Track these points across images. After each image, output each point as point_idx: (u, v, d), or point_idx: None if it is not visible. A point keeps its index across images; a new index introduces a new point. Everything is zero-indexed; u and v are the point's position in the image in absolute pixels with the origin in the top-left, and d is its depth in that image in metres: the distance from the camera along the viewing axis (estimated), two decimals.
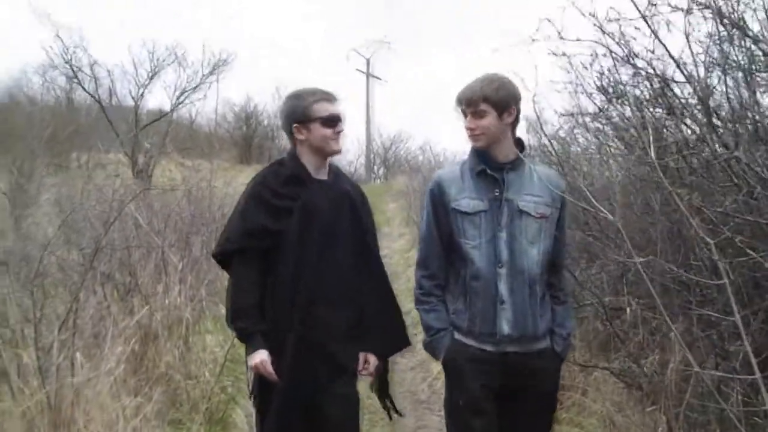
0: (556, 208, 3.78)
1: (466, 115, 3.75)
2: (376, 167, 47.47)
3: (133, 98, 25.71)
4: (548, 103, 9.89)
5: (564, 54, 5.83)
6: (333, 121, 3.96)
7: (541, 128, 7.25)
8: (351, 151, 45.91)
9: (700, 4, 4.77)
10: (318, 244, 3.90)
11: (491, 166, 3.72)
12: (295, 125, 3.97)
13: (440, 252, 3.80)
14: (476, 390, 3.66)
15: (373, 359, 4.07)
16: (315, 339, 3.85)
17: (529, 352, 3.68)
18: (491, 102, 3.66)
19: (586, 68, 6.11)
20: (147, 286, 6.60)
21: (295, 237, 3.87)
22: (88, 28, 62.17)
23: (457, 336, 3.71)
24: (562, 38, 5.24)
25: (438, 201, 3.79)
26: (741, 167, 4.51)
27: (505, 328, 3.63)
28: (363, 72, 48.43)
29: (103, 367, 4.78)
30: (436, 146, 56.78)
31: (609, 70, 5.89)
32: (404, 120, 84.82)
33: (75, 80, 25.22)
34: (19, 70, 31.19)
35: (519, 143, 3.83)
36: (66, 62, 24.61)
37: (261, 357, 3.79)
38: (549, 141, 7.50)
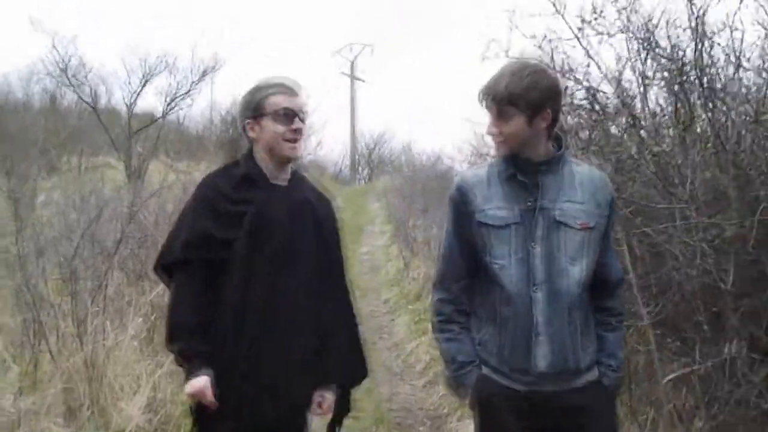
0: (604, 216, 3.12)
1: (488, 115, 3.11)
2: (360, 168, 48.30)
3: (126, 104, 26.69)
4: None
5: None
6: (288, 117, 3.38)
7: None
8: (336, 152, 46.74)
9: (619, 28, 5.80)
10: (272, 262, 3.34)
11: (522, 168, 3.07)
12: (247, 121, 3.44)
13: (463, 271, 3.18)
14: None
15: (329, 397, 3.48)
16: (263, 377, 3.30)
17: (570, 388, 3.07)
18: (519, 104, 2.99)
19: None
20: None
21: (244, 251, 3.31)
22: (82, 35, 63.00)
23: (485, 371, 3.10)
24: (507, 56, 6.21)
25: (461, 210, 3.15)
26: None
27: (541, 363, 3.01)
28: (347, 74, 49.29)
29: (128, 333, 5.85)
30: (417, 146, 57.40)
31: None
32: (389, 120, 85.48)
33: (70, 87, 26.14)
34: (2, 75, 31.92)
35: (556, 139, 3.16)
36: (62, 70, 25.52)
37: (200, 383, 3.20)
38: None
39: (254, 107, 3.41)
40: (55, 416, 4.89)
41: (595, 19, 5.66)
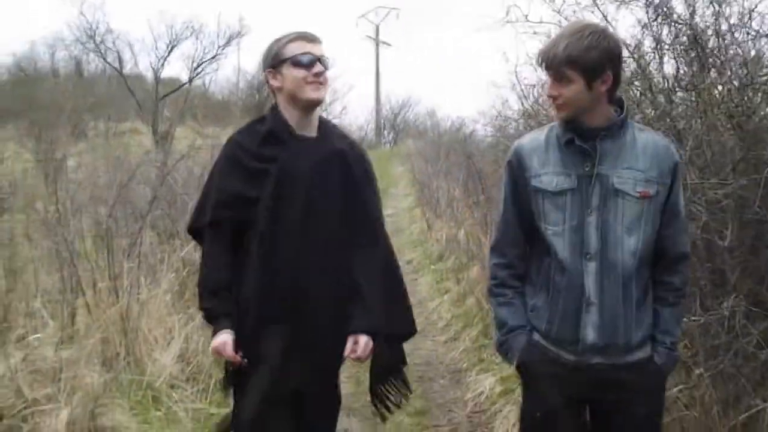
0: (665, 184, 2.99)
1: (548, 77, 3.01)
2: (386, 132, 48.47)
3: (153, 69, 27.08)
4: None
5: (535, 33, 6.99)
6: (308, 61, 3.28)
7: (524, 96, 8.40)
8: (361, 117, 47.00)
9: None
10: (298, 216, 3.28)
11: (581, 133, 2.97)
12: (268, 70, 3.36)
13: (519, 237, 3.13)
14: (558, 403, 3.03)
15: (363, 340, 3.36)
16: (298, 336, 3.29)
17: (619, 363, 2.99)
18: (578, 67, 2.87)
19: None
20: (185, 232, 7.92)
21: (269, 208, 3.26)
22: (109, 2, 63.42)
23: (536, 337, 3.07)
24: (528, 20, 6.39)
25: (517, 175, 3.08)
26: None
27: (590, 335, 2.95)
28: (372, 38, 49.33)
29: (161, 288, 6.15)
30: (441, 110, 57.46)
31: None
32: (414, 85, 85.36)
33: (98, 53, 26.50)
34: (29, 43, 32.49)
35: (618, 103, 3.04)
36: (90, 36, 25.87)
37: (222, 338, 3.25)
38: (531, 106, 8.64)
39: (273, 56, 3.33)
40: (93, 365, 5.16)
41: None
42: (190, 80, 27.65)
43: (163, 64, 26.80)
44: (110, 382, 5.06)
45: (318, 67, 3.29)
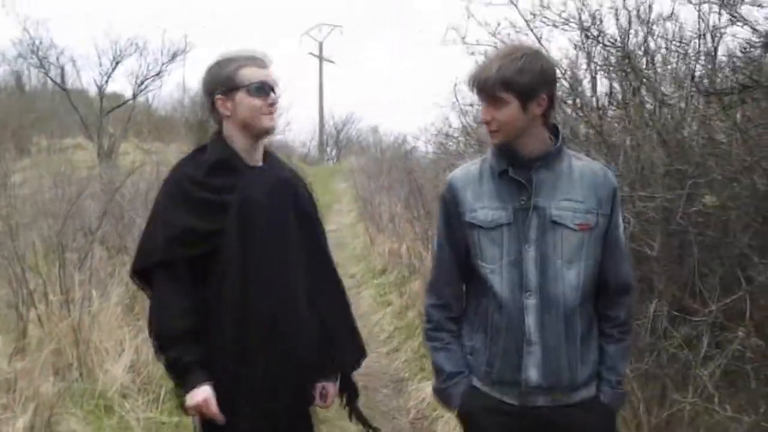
0: (605, 214, 2.88)
1: (480, 102, 2.89)
2: (329, 148, 48.69)
3: (97, 85, 27.01)
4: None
5: (473, 53, 7.28)
6: (264, 90, 3.14)
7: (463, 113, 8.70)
8: (304, 133, 47.17)
9: (565, 19, 6.27)
10: (266, 247, 3.13)
11: (516, 163, 2.86)
12: (217, 97, 3.15)
13: (455, 275, 3.00)
14: None
15: (332, 389, 3.38)
16: (280, 375, 3.12)
17: (564, 404, 2.87)
18: (513, 89, 2.77)
19: None
20: (132, 246, 8.11)
21: (236, 240, 3.07)
22: (53, 18, 63.08)
23: (475, 382, 2.94)
24: (465, 42, 6.70)
25: (451, 211, 2.96)
26: None
27: (533, 375, 2.81)
28: (316, 56, 49.57)
29: (111, 301, 6.33)
30: (383, 127, 57.98)
31: None
32: (357, 101, 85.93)
33: (42, 68, 26.43)
34: None
35: (553, 129, 2.94)
36: (32, 51, 25.81)
37: (203, 395, 2.99)
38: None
39: (224, 81, 3.14)
40: (46, 376, 5.33)
41: (541, 10, 6.12)
42: (134, 96, 27.64)
43: (107, 80, 26.80)
44: (64, 392, 5.23)
45: (273, 97, 3.17)
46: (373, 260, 13.27)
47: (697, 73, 5.41)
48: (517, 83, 2.76)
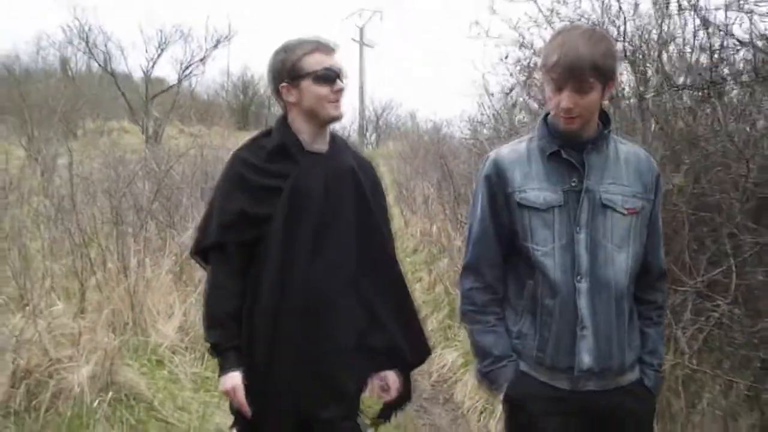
0: (649, 199, 2.85)
1: (559, 87, 2.70)
2: (368, 133, 49.18)
3: (143, 70, 27.96)
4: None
5: (496, 46, 7.75)
6: (330, 78, 3.08)
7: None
8: (345, 117, 47.45)
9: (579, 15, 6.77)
10: (311, 236, 3.08)
11: (568, 145, 2.78)
12: (282, 84, 3.12)
13: (498, 257, 2.89)
14: None
15: (392, 379, 3.23)
16: (313, 363, 3.06)
17: (612, 388, 2.83)
18: (600, 73, 2.65)
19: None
20: (180, 222, 8.80)
21: (281, 228, 3.06)
22: (101, 6, 64.36)
23: (522, 367, 2.85)
24: (488, 36, 7.21)
25: (497, 191, 2.85)
26: None
27: (586, 360, 2.76)
28: (356, 41, 49.95)
29: (163, 269, 7.02)
30: (421, 113, 58.45)
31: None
32: (396, 86, 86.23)
33: (90, 54, 27.32)
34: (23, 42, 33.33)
35: (602, 115, 2.86)
36: (81, 38, 26.71)
37: (233, 382, 3.02)
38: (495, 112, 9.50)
39: (290, 69, 3.10)
40: (106, 332, 6.00)
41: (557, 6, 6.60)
42: (179, 81, 28.52)
43: (153, 66, 27.70)
44: (122, 346, 5.88)
45: (339, 84, 3.11)
46: (406, 240, 13.81)
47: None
48: (604, 68, 2.66)
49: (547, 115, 2.87)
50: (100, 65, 27.72)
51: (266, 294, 3.06)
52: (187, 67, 27.99)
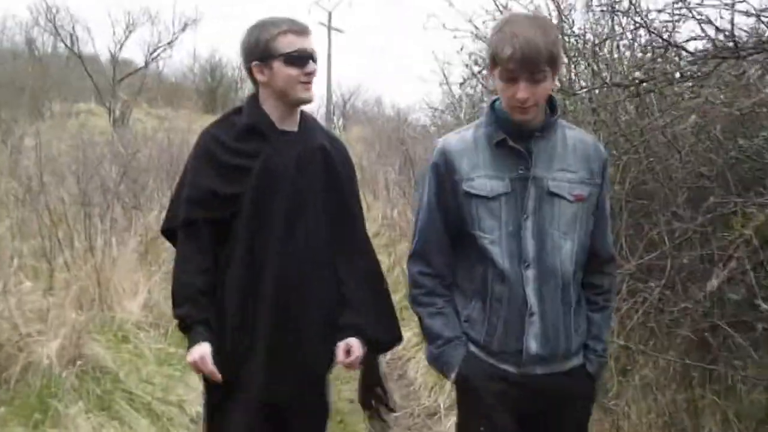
0: (596, 185, 2.86)
1: (513, 78, 2.66)
2: (335, 118, 49.31)
3: (110, 53, 27.99)
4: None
5: (455, 37, 7.99)
6: (301, 59, 3.06)
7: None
8: (312, 102, 47.61)
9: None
10: (283, 215, 3.08)
11: (515, 133, 2.78)
12: (254, 63, 3.09)
13: (446, 244, 2.90)
14: (500, 417, 2.82)
15: (356, 344, 3.16)
16: (276, 344, 3.07)
17: (557, 372, 2.86)
18: (553, 61, 2.66)
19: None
20: (146, 204, 9.09)
21: (252, 206, 3.06)
22: None
23: (472, 348, 2.86)
24: (445, 28, 7.45)
25: (444, 179, 2.85)
26: None
27: (533, 346, 2.78)
28: (325, 25, 50.00)
29: (129, 248, 7.31)
30: (387, 98, 58.67)
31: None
32: (362, 71, 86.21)
33: (57, 35, 27.29)
34: None
35: (550, 99, 2.85)
36: (48, 19, 26.68)
37: (200, 352, 3.00)
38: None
39: (263, 48, 3.07)
40: (74, 308, 6.26)
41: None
42: (146, 64, 28.60)
43: (120, 48, 27.76)
44: (88, 321, 6.15)
45: (311, 66, 3.10)
46: (368, 224, 14.04)
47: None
48: (556, 56, 2.68)
49: (494, 101, 2.88)
50: (67, 46, 27.72)
51: (236, 273, 3.07)
52: (154, 50, 28.12)
